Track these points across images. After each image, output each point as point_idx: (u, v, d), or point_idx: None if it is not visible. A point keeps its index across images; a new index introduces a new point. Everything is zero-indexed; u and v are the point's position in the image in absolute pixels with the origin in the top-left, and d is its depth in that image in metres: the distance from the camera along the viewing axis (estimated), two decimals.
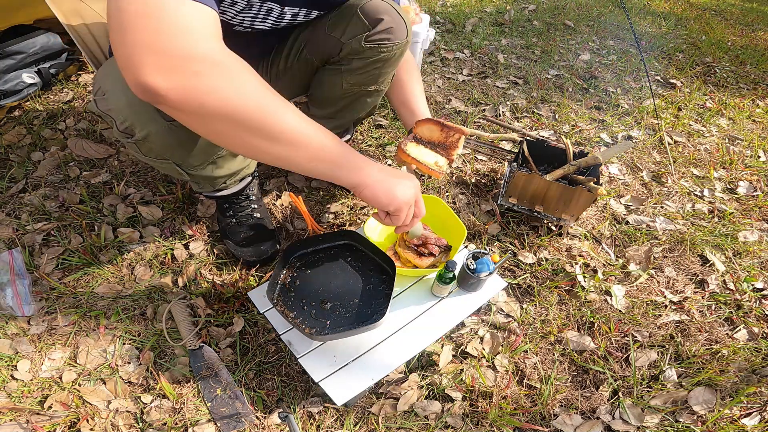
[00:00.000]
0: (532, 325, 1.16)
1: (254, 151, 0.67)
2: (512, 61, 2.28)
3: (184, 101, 0.56)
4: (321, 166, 0.72)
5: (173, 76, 0.54)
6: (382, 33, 1.02)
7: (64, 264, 1.20)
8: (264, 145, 0.65)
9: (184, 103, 0.56)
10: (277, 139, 0.65)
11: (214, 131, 0.63)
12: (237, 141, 0.64)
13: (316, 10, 1.01)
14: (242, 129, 0.62)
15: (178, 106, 0.57)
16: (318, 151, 0.70)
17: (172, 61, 0.54)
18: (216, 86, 0.57)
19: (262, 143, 0.65)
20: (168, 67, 0.54)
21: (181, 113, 0.59)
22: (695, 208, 1.54)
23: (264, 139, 0.64)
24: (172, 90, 0.55)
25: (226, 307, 1.13)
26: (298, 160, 0.69)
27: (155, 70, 0.53)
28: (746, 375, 1.08)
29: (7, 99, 1.59)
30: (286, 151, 0.67)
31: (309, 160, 0.70)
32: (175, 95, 0.55)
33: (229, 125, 0.61)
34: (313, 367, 0.97)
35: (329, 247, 1.13)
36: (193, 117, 0.60)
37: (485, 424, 0.98)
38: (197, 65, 0.55)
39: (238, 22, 0.92)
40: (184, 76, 0.55)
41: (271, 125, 0.63)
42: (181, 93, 0.55)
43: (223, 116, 0.60)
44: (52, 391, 0.98)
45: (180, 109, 0.58)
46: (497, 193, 1.50)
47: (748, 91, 2.27)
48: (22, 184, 1.39)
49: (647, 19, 3.04)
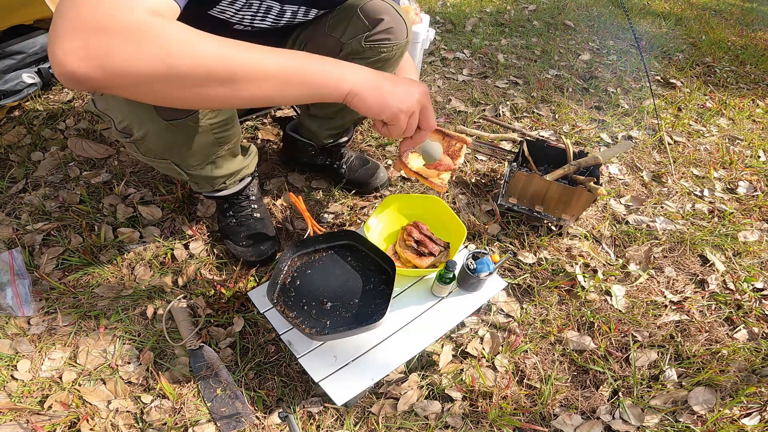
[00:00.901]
0: (532, 325, 1.16)
1: (217, 101, 0.63)
2: (512, 61, 2.28)
3: (105, 77, 0.54)
4: (297, 90, 0.66)
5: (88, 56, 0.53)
6: (383, 33, 1.02)
7: (64, 264, 1.20)
8: (222, 92, 0.62)
9: (107, 79, 0.55)
10: (232, 80, 0.61)
11: (161, 95, 0.60)
12: (190, 97, 0.61)
13: (315, 9, 1.00)
14: (187, 84, 0.59)
15: (104, 83, 0.55)
16: (285, 75, 0.64)
17: (85, 42, 0.53)
18: (135, 54, 0.55)
19: (218, 90, 0.61)
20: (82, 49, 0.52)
21: (117, 89, 0.57)
22: (695, 208, 1.54)
23: (218, 86, 0.61)
24: (91, 69, 0.53)
25: (226, 307, 1.13)
26: (268, 93, 0.64)
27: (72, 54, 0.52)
28: (746, 375, 1.08)
29: (7, 99, 1.59)
30: (250, 89, 0.63)
31: (280, 88, 0.65)
32: (95, 73, 0.54)
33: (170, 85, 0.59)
34: (313, 367, 0.97)
35: (329, 247, 1.13)
36: (131, 89, 0.58)
37: (485, 424, 0.98)
38: (114, 37, 0.54)
39: (238, 21, 0.92)
40: (99, 53, 0.53)
41: (217, 69, 0.60)
42: (98, 70, 0.53)
43: (158, 78, 0.57)
44: (52, 391, 0.98)
45: (111, 86, 0.56)
46: (497, 193, 1.50)
47: (748, 91, 2.27)
48: (22, 184, 1.39)
49: (647, 19, 3.04)
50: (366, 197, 1.46)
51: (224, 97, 0.63)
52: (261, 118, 1.73)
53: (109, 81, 0.55)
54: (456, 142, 1.13)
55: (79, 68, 0.53)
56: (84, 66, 0.53)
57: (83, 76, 0.53)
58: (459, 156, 1.12)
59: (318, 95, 0.68)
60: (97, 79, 0.54)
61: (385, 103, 0.71)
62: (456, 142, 1.13)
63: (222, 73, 0.60)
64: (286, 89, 0.65)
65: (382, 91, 0.72)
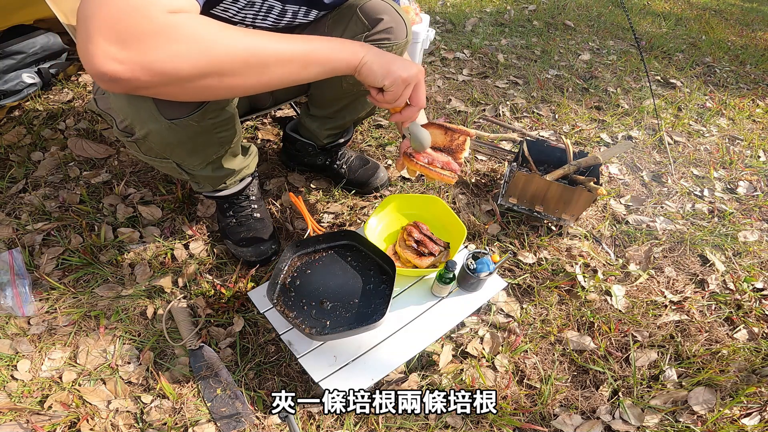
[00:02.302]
0: (532, 325, 1.16)
1: (249, 88, 0.69)
2: (512, 61, 2.28)
3: (149, 77, 0.56)
4: (317, 68, 0.73)
5: (128, 57, 0.54)
6: (382, 33, 1.02)
7: (64, 264, 1.20)
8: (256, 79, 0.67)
9: (151, 79, 0.56)
10: (264, 67, 0.67)
11: (198, 90, 0.64)
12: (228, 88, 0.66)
13: (316, 10, 1.01)
14: (225, 77, 0.63)
15: (145, 84, 0.57)
16: (306, 56, 0.71)
17: (123, 42, 0.53)
18: (174, 52, 0.57)
19: (249, 79, 0.67)
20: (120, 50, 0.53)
21: (157, 88, 0.59)
22: (695, 208, 1.54)
23: (248, 76, 0.66)
24: (132, 70, 0.54)
25: (226, 307, 1.13)
26: (292, 75, 0.71)
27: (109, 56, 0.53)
28: (746, 375, 1.08)
29: (7, 99, 1.59)
30: (279, 73, 0.69)
31: (303, 68, 0.72)
32: (139, 74, 0.55)
33: (209, 80, 0.62)
34: (313, 367, 0.97)
35: (329, 247, 1.13)
36: (171, 87, 0.60)
37: (485, 424, 0.98)
38: (150, 40, 0.55)
39: (240, 20, 0.93)
40: (139, 53, 0.54)
41: (249, 61, 0.65)
42: (142, 70, 0.55)
43: (198, 75, 0.60)
44: (52, 391, 0.98)
45: (151, 86, 0.58)
46: (497, 193, 1.50)
47: (748, 91, 2.27)
48: (22, 184, 1.39)
49: (647, 19, 3.04)
50: (366, 197, 1.46)
51: (256, 83, 0.68)
52: (261, 118, 1.73)
53: (153, 80, 0.57)
54: (459, 135, 1.08)
55: (121, 71, 0.54)
56: (127, 69, 0.54)
57: (128, 78, 0.55)
58: (464, 149, 1.07)
59: (333, 70, 0.76)
60: (142, 80, 0.56)
61: (389, 69, 0.79)
62: (459, 135, 1.08)
63: (256, 61, 0.65)
64: (308, 68, 0.72)
65: (387, 59, 0.80)
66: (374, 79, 0.79)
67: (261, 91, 0.72)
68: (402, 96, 0.84)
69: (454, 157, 1.06)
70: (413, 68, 0.82)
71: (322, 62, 0.74)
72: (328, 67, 0.75)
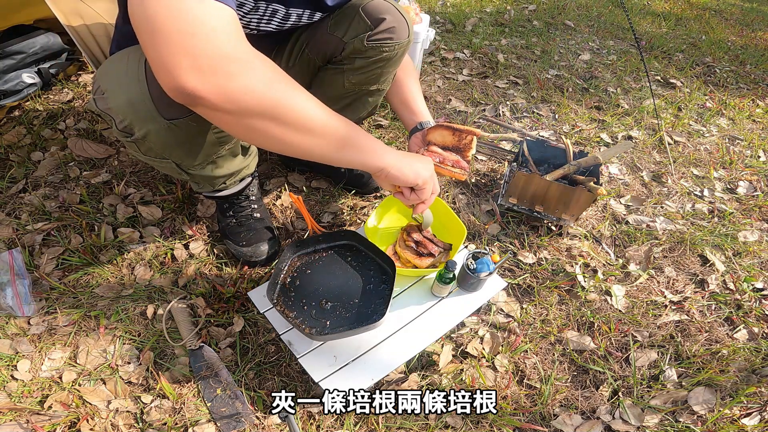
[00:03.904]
0: (532, 325, 1.16)
1: (286, 145, 0.69)
2: (512, 61, 2.28)
3: (222, 101, 0.58)
4: (350, 154, 0.76)
5: (210, 78, 0.56)
6: (384, 32, 1.02)
7: (64, 264, 1.20)
8: (296, 138, 0.68)
9: (222, 104, 0.58)
10: (309, 131, 0.68)
11: (249, 129, 0.65)
12: (270, 137, 0.67)
13: (319, 12, 1.01)
14: (276, 124, 0.65)
15: (216, 106, 0.58)
16: (347, 139, 0.74)
17: (207, 63, 0.55)
18: (250, 85, 0.59)
19: (295, 137, 0.68)
20: (204, 69, 0.55)
21: (219, 113, 0.61)
22: (695, 208, 1.54)
23: (297, 133, 0.68)
24: (211, 91, 0.56)
25: (226, 307, 1.13)
26: (329, 150, 0.73)
27: (191, 72, 0.55)
28: (746, 375, 1.08)
29: (7, 99, 1.59)
30: (318, 143, 0.71)
31: (339, 149, 0.74)
32: (214, 96, 0.57)
33: (263, 122, 0.64)
34: (313, 367, 0.97)
35: (329, 247, 1.13)
36: (230, 116, 0.62)
37: (485, 424, 0.98)
38: (231, 65, 0.57)
39: (245, 24, 0.93)
40: (221, 77, 0.56)
41: (303, 119, 0.67)
42: (219, 94, 0.57)
43: (258, 114, 0.62)
44: (52, 391, 0.98)
45: (218, 110, 0.59)
46: (497, 193, 1.50)
47: (748, 91, 2.27)
48: (22, 184, 1.39)
49: (647, 19, 3.04)
50: (366, 197, 1.46)
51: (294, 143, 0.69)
52: None
53: (221, 104, 0.58)
54: (466, 135, 1.15)
55: (200, 88, 0.55)
56: (205, 86, 0.56)
57: (201, 95, 0.56)
58: (471, 148, 1.15)
59: (362, 163, 0.80)
60: (216, 103, 0.57)
61: (417, 171, 0.87)
62: (466, 134, 1.15)
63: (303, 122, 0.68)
64: (341, 152, 0.75)
65: (409, 161, 0.86)
66: (405, 181, 0.86)
67: (297, 155, 0.73)
68: (433, 191, 0.95)
69: (462, 156, 1.13)
70: (429, 163, 0.92)
71: (357, 151, 0.77)
72: (359, 159, 0.78)
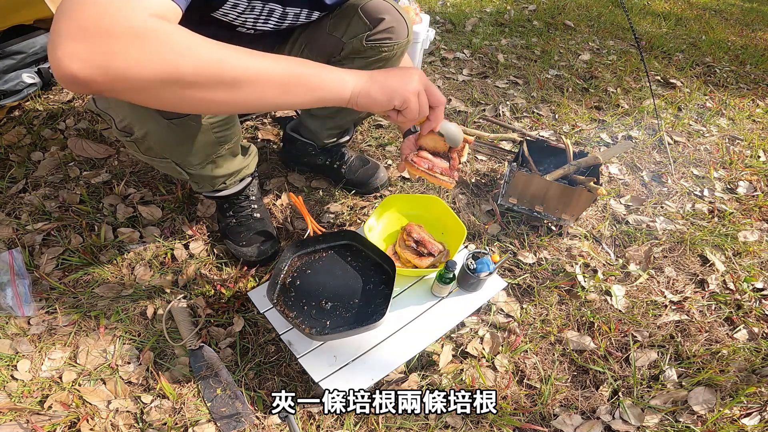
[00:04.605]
0: (532, 325, 1.16)
1: (221, 105, 0.64)
2: (512, 61, 2.28)
3: (104, 79, 0.54)
4: (299, 95, 0.68)
5: (90, 59, 0.52)
6: (384, 32, 1.02)
7: (64, 264, 1.20)
8: (226, 95, 0.62)
9: (107, 82, 0.54)
10: (235, 84, 0.62)
11: (166, 100, 0.61)
12: (195, 101, 0.62)
13: (317, 12, 1.01)
14: (191, 88, 0.59)
15: (106, 87, 0.55)
16: (287, 79, 0.66)
17: (87, 45, 0.52)
18: (138, 56, 0.54)
19: (222, 94, 0.62)
20: (83, 51, 0.52)
21: (119, 92, 0.57)
22: (695, 208, 1.54)
23: (222, 90, 0.61)
24: (93, 72, 0.52)
25: (226, 307, 1.13)
26: (270, 97, 0.66)
27: (70, 54, 0.51)
28: (746, 375, 1.08)
29: (7, 99, 1.59)
30: (253, 94, 0.64)
31: (282, 93, 0.66)
32: (95, 76, 0.53)
33: (175, 89, 0.58)
34: (313, 367, 0.97)
35: (329, 247, 1.13)
36: (134, 94, 0.58)
37: (485, 424, 0.98)
38: (115, 42, 0.53)
39: (240, 23, 0.93)
40: (100, 55, 0.52)
41: (221, 73, 0.60)
42: (98, 72, 0.53)
43: (157, 84, 0.57)
44: (52, 391, 0.98)
45: (113, 90, 0.56)
46: (497, 193, 1.50)
47: (748, 91, 2.27)
48: (22, 184, 1.39)
49: (647, 19, 3.04)
50: (366, 197, 1.46)
51: (228, 101, 0.63)
52: (261, 118, 1.72)
53: (111, 84, 0.55)
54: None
55: (81, 71, 0.52)
56: (86, 69, 0.52)
57: (85, 78, 0.53)
58: (462, 155, 1.13)
59: (320, 99, 0.70)
60: (99, 82, 0.54)
61: (391, 91, 0.73)
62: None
63: (226, 77, 0.61)
64: (288, 94, 0.67)
65: (382, 82, 0.74)
66: (379, 106, 0.74)
67: (244, 110, 0.67)
68: (421, 107, 0.79)
69: (453, 163, 1.09)
70: (412, 75, 0.77)
71: (306, 89, 0.68)
72: (316, 95, 0.70)
